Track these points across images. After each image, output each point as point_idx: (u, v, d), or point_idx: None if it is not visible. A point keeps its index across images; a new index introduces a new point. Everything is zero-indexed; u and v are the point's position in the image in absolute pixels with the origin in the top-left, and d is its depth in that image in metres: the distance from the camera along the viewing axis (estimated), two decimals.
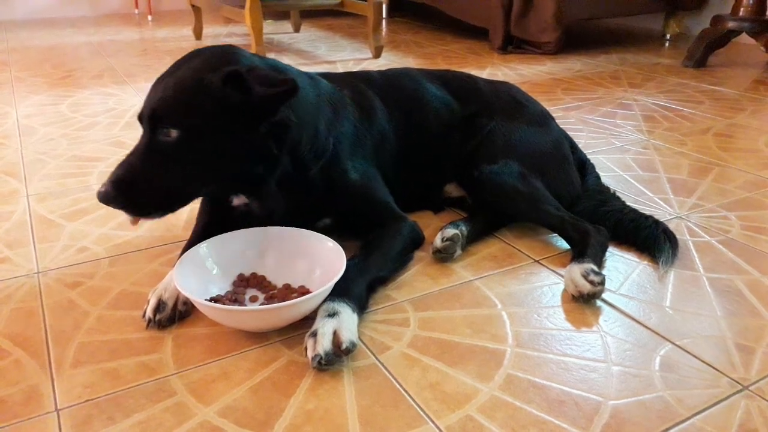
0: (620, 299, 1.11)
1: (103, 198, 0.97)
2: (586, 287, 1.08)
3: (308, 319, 1.00)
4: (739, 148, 1.89)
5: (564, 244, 1.28)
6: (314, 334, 0.93)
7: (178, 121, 0.98)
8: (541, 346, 0.98)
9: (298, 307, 0.96)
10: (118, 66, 2.94)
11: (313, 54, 3.26)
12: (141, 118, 1.02)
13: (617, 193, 1.42)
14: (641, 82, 2.68)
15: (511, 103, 1.45)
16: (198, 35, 3.57)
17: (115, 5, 4.62)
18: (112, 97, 2.39)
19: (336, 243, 1.09)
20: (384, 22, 4.21)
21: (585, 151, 1.56)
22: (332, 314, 0.96)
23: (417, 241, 1.25)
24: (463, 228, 1.26)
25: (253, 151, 1.03)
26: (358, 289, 1.04)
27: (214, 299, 1.04)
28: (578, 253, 1.18)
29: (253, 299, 1.07)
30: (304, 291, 1.06)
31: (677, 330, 1.03)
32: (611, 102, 2.38)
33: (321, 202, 1.18)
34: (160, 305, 1.02)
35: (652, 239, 1.25)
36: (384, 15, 4.24)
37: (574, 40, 3.48)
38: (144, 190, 0.99)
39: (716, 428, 0.82)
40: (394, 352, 0.97)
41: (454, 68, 1.90)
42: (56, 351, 0.97)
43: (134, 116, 1.16)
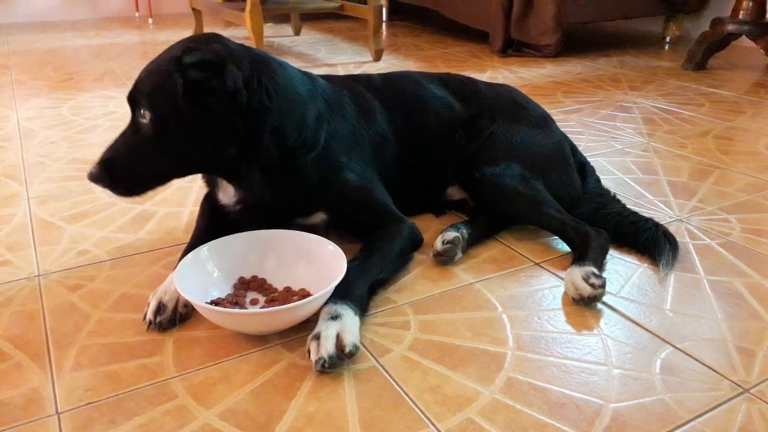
0: (621, 302, 1.11)
1: (91, 178, 1.05)
2: (587, 290, 1.09)
3: (309, 322, 1.00)
4: (739, 150, 1.89)
5: (564, 247, 1.28)
6: (317, 337, 0.93)
7: (149, 102, 1.03)
8: (542, 349, 0.98)
9: (299, 310, 0.96)
10: (118, 69, 2.95)
11: (313, 57, 3.26)
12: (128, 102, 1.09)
13: (617, 196, 1.42)
14: (641, 85, 2.69)
15: (511, 105, 1.45)
16: None
17: (116, 8, 4.63)
18: (113, 100, 2.39)
19: (336, 246, 1.09)
20: (384, 25, 4.22)
21: (585, 154, 1.56)
22: (335, 317, 0.96)
23: (416, 242, 1.25)
24: (464, 231, 1.26)
25: (224, 133, 1.05)
26: (359, 291, 1.04)
27: (214, 302, 1.04)
28: (579, 256, 1.18)
29: (254, 302, 1.07)
30: (304, 294, 1.06)
31: (678, 333, 1.03)
32: (611, 105, 2.38)
33: (314, 195, 1.19)
34: (160, 307, 1.02)
35: (652, 242, 1.25)
36: (384, 18, 4.25)
37: (574, 43, 3.49)
38: (127, 170, 1.06)
39: (717, 431, 0.82)
40: (395, 355, 0.97)
41: (455, 71, 1.90)
42: (57, 354, 0.97)
43: None
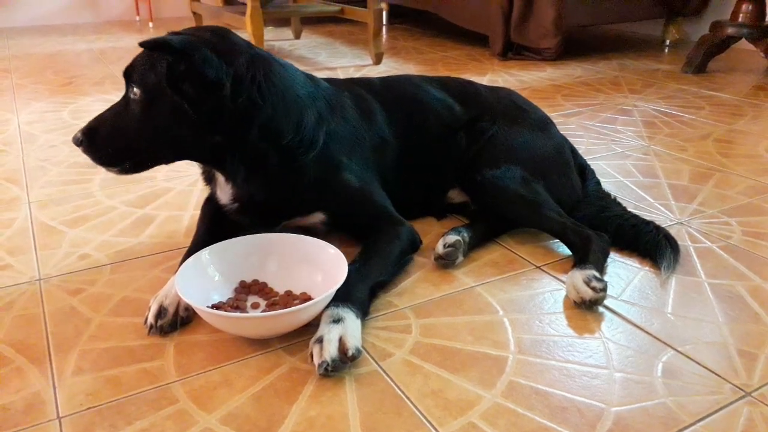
0: (622, 305, 1.11)
1: (75, 141, 1.10)
2: (589, 293, 1.08)
3: (310, 326, 1.00)
4: (739, 153, 1.89)
5: (565, 250, 1.28)
6: (320, 341, 0.93)
7: (140, 80, 1.06)
8: (543, 353, 0.98)
9: (300, 313, 0.96)
10: (119, 73, 2.93)
11: (313, 60, 3.27)
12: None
13: (618, 199, 1.42)
14: (641, 88, 2.69)
15: (512, 107, 1.45)
16: None
17: (117, 12, 4.64)
18: None
19: (337, 249, 1.09)
20: (384, 28, 4.22)
21: (585, 157, 1.56)
22: (337, 320, 0.96)
23: (414, 245, 1.25)
24: (465, 234, 1.26)
25: (206, 121, 1.06)
26: (360, 294, 1.04)
27: (215, 306, 1.04)
28: (580, 259, 1.18)
29: (255, 306, 1.07)
30: (306, 297, 1.06)
31: (679, 336, 1.02)
32: (611, 108, 2.38)
33: (312, 193, 1.19)
34: (161, 311, 1.02)
35: (653, 245, 1.25)
36: (384, 22, 4.26)
37: (574, 46, 3.49)
38: (110, 140, 1.10)
39: None
40: (396, 358, 0.97)
41: (455, 74, 1.91)
42: (58, 358, 0.97)
43: None
